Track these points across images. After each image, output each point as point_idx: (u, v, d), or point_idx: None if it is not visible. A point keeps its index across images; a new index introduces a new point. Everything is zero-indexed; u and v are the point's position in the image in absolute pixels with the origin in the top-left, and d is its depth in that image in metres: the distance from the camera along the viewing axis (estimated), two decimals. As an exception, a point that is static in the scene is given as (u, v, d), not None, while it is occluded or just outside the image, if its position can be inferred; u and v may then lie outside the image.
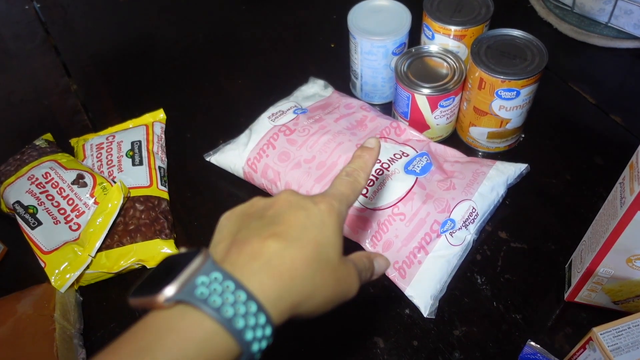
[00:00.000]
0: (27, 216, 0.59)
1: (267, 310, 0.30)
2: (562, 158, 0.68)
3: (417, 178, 0.59)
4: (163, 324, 0.29)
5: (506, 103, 0.61)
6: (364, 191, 0.59)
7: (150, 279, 0.31)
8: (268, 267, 0.31)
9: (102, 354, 0.28)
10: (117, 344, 0.29)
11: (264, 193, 0.65)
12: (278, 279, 0.31)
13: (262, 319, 0.30)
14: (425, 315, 0.55)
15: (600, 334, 0.45)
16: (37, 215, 0.59)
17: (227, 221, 0.36)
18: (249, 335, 0.29)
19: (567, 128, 0.71)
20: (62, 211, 0.59)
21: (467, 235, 0.59)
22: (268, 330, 0.30)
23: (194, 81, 0.81)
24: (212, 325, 0.29)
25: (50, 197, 0.60)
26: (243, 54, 0.85)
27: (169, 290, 0.29)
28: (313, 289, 0.33)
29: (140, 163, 0.65)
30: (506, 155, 0.69)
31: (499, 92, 0.60)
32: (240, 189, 0.67)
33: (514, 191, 0.64)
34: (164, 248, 0.60)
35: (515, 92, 0.60)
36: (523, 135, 0.70)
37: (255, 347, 0.30)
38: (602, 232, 0.47)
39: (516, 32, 0.63)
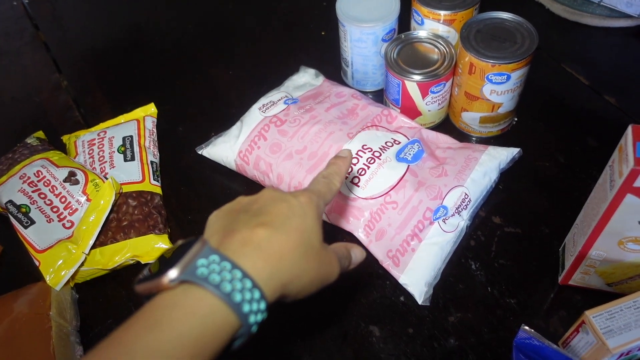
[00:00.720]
0: (20, 215, 0.59)
1: (261, 287, 0.34)
2: (556, 140, 0.68)
3: (408, 166, 0.59)
4: (169, 302, 0.32)
5: (497, 87, 0.61)
6: (356, 180, 0.58)
7: (153, 268, 0.35)
8: (259, 250, 0.35)
9: (118, 332, 0.32)
10: (128, 323, 0.32)
11: (257, 185, 0.65)
12: (268, 260, 0.35)
13: (256, 294, 0.33)
14: (419, 302, 0.55)
15: (593, 317, 0.45)
16: (30, 214, 0.59)
17: (216, 218, 0.39)
18: (246, 307, 0.33)
19: (561, 110, 0.71)
20: (54, 209, 0.59)
21: (461, 222, 0.59)
22: (262, 305, 0.34)
23: (184, 74, 0.81)
24: (213, 301, 0.32)
25: (42, 196, 0.60)
26: (233, 44, 0.84)
27: (173, 273, 0.32)
28: (299, 270, 0.37)
29: (132, 158, 0.65)
30: (499, 140, 0.68)
31: (489, 77, 0.60)
32: (234, 182, 0.67)
33: (507, 176, 0.64)
34: (158, 243, 0.60)
35: (505, 76, 0.60)
36: (516, 119, 0.70)
37: (252, 319, 0.33)
38: (594, 216, 0.47)
39: (506, 15, 0.63)
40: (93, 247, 0.58)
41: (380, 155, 0.60)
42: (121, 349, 0.31)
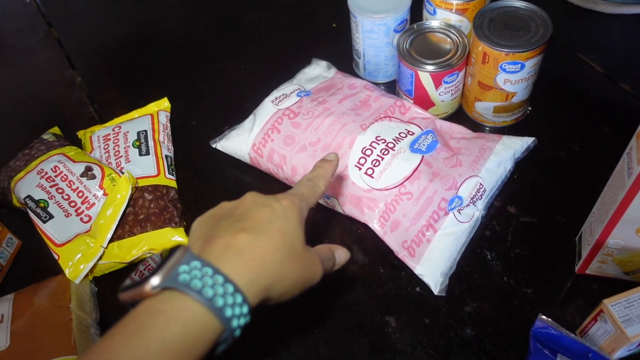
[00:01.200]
0: (38, 210, 0.60)
1: (243, 291, 0.34)
2: (570, 129, 0.67)
3: (423, 156, 0.59)
4: (153, 309, 0.33)
5: (511, 76, 0.61)
6: (370, 172, 0.59)
7: (135, 279, 0.35)
8: (240, 255, 0.36)
9: (102, 340, 0.33)
10: (113, 331, 0.33)
11: (271, 178, 0.66)
12: (250, 265, 0.36)
13: (239, 298, 0.34)
14: (435, 292, 0.55)
15: (611, 306, 0.45)
16: (48, 209, 0.60)
17: (199, 225, 0.40)
18: (228, 312, 0.33)
19: (575, 98, 0.70)
20: (72, 204, 0.60)
21: (476, 212, 0.59)
22: (245, 309, 0.34)
23: (197, 68, 0.81)
24: (196, 306, 0.33)
25: (60, 191, 0.61)
26: (244, 38, 0.84)
27: (155, 280, 0.33)
28: (282, 273, 0.37)
29: (147, 153, 0.66)
30: (513, 129, 0.68)
31: (503, 66, 0.60)
32: (247, 175, 0.68)
33: (522, 165, 0.63)
34: (175, 236, 0.60)
35: (519, 65, 0.59)
36: (530, 108, 0.69)
37: (235, 323, 0.34)
38: (611, 204, 0.47)
39: (519, 3, 0.62)
40: (111, 240, 0.59)
41: (394, 146, 0.60)
42: (106, 356, 0.31)
